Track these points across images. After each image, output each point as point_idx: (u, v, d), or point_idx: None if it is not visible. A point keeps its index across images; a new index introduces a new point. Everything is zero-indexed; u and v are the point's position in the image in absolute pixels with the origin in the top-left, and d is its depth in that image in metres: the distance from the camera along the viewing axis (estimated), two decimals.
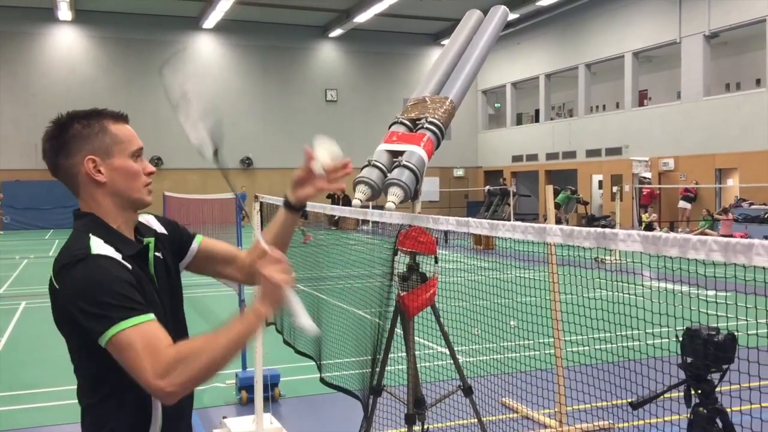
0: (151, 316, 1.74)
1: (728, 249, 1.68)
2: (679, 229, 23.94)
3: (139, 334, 1.69)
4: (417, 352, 3.69)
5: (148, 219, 2.11)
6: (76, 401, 1.93)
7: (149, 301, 1.83)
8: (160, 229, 2.11)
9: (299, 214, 2.29)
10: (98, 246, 1.80)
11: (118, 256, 1.81)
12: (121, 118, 1.99)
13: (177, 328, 2.02)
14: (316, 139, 2.25)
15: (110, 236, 1.87)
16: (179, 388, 1.68)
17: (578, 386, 4.14)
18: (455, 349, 3.86)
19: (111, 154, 1.91)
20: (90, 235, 1.83)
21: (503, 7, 3.56)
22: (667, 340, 3.42)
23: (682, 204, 24.51)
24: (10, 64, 30.40)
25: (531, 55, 33.28)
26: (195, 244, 2.19)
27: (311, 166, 2.17)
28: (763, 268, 1.62)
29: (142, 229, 2.03)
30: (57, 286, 1.79)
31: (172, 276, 2.07)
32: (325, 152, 2.24)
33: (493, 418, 5.10)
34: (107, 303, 1.70)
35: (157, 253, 2.00)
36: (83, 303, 1.72)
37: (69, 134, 1.91)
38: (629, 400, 3.14)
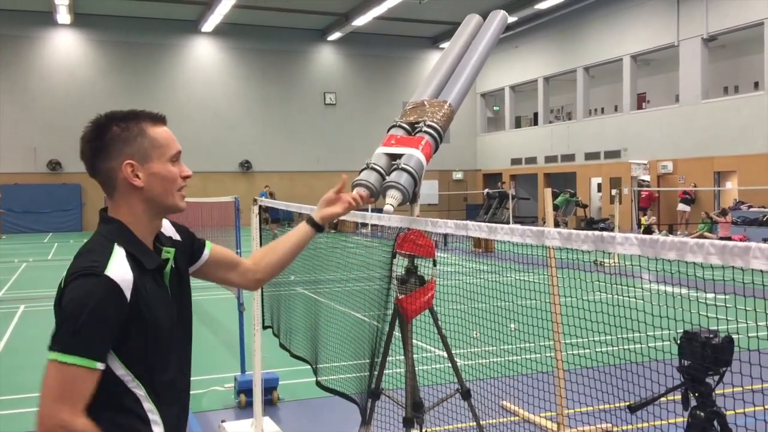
0: (95, 365, 1.74)
1: (725, 252, 1.68)
2: (678, 232, 23.96)
3: (72, 375, 1.71)
4: (415, 356, 3.69)
5: (165, 224, 2.10)
6: None
7: (146, 317, 1.83)
8: (175, 236, 2.11)
9: (320, 232, 2.47)
10: (116, 264, 1.79)
11: (129, 281, 1.79)
12: (159, 119, 1.98)
13: (182, 338, 2.04)
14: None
15: (134, 247, 1.87)
16: None
17: (578, 389, 4.14)
18: (454, 352, 3.86)
19: (149, 159, 1.91)
20: (115, 244, 1.83)
21: (502, 12, 3.56)
22: (667, 342, 3.42)
23: (681, 207, 24.54)
24: (9, 67, 30.41)
25: (529, 59, 33.32)
26: (206, 252, 2.21)
27: (344, 185, 2.51)
28: (761, 271, 1.62)
29: (161, 237, 2.03)
30: (62, 286, 1.81)
31: (184, 283, 2.08)
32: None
33: (493, 421, 5.09)
34: (74, 328, 1.72)
35: (172, 264, 2.01)
36: (62, 312, 1.75)
37: (108, 137, 1.89)
38: (628, 403, 3.14)
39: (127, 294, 1.78)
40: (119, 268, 1.79)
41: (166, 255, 1.98)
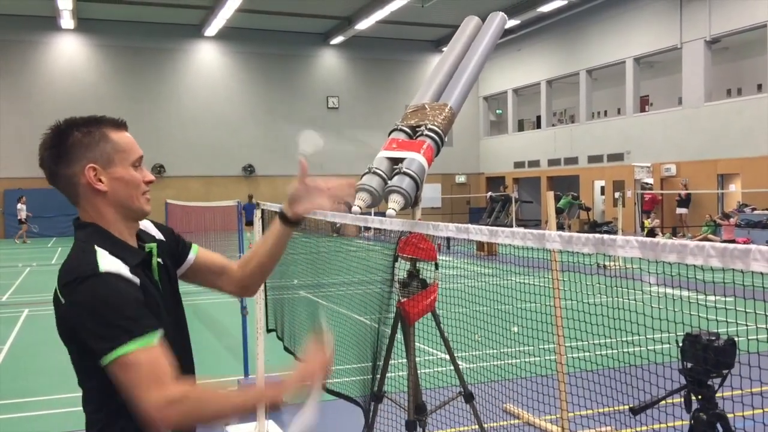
0: (157, 338, 1.73)
1: (726, 255, 1.68)
2: (680, 234, 23.94)
3: (147, 357, 1.68)
4: (417, 359, 3.69)
5: (146, 225, 2.11)
6: (78, 409, 1.93)
7: (154, 309, 1.83)
8: (158, 235, 2.11)
9: (295, 228, 2.27)
10: (105, 261, 1.78)
11: (125, 270, 1.80)
12: (121, 125, 1.97)
13: (180, 335, 2.03)
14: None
15: (115, 247, 1.86)
16: (173, 424, 1.68)
17: (580, 392, 4.14)
18: (456, 355, 3.86)
19: (112, 163, 1.89)
20: (95, 247, 1.82)
21: (501, 14, 3.57)
22: (668, 345, 3.42)
23: (678, 210, 24.60)
24: (13, 72, 30.49)
25: (532, 62, 33.31)
26: (192, 255, 2.19)
27: (305, 170, 2.22)
28: (761, 273, 1.62)
29: (142, 236, 2.03)
30: (62, 301, 1.79)
31: (173, 282, 2.08)
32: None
33: (495, 424, 5.09)
34: (114, 323, 1.69)
35: (159, 259, 2.01)
36: (90, 322, 1.71)
37: (69, 142, 1.88)
38: (630, 406, 3.14)
39: (132, 279, 1.79)
40: (110, 263, 1.79)
41: (148, 248, 1.98)
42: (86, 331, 1.72)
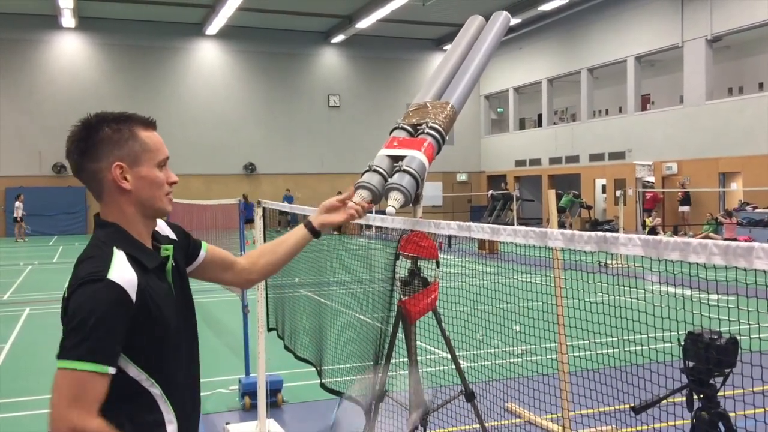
0: (110, 371, 1.74)
1: (728, 253, 1.67)
2: (681, 233, 23.93)
3: (84, 380, 1.70)
4: (419, 357, 3.69)
5: (160, 224, 2.11)
6: None
7: (155, 315, 1.84)
8: (172, 235, 2.12)
9: (316, 237, 2.44)
10: (118, 267, 1.79)
11: (133, 282, 1.79)
12: (150, 124, 1.97)
13: (189, 335, 2.04)
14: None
15: (134, 249, 1.87)
16: None
17: (582, 391, 4.13)
18: (457, 354, 3.86)
19: (139, 162, 1.90)
20: (114, 248, 1.83)
21: (505, 13, 3.56)
22: (670, 344, 3.41)
23: (680, 208, 24.63)
24: (14, 71, 30.50)
25: (533, 60, 33.30)
26: (203, 252, 2.21)
27: (352, 195, 2.55)
28: (764, 271, 1.61)
29: (157, 236, 2.04)
30: (66, 295, 1.80)
31: (185, 282, 2.08)
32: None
33: (497, 423, 5.08)
34: (83, 335, 1.71)
35: (172, 261, 2.01)
36: (69, 319, 1.74)
37: (98, 137, 1.88)
38: (632, 405, 3.14)
39: (133, 295, 1.78)
40: (122, 271, 1.79)
41: (165, 252, 1.98)
42: (64, 325, 1.76)
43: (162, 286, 1.91)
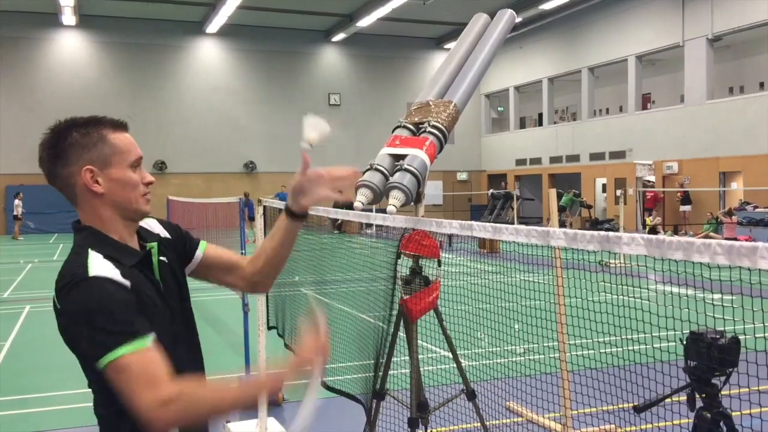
0: (150, 340, 1.72)
1: (732, 252, 1.67)
2: (681, 232, 23.92)
3: (138, 360, 1.67)
4: (420, 356, 3.68)
5: (150, 223, 2.09)
6: (80, 405, 1.95)
7: (151, 309, 1.82)
8: (163, 233, 2.10)
9: (302, 221, 2.22)
10: (96, 265, 1.77)
11: (116, 273, 1.78)
12: (120, 126, 1.95)
13: (186, 332, 2.02)
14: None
15: (110, 249, 1.85)
16: (171, 423, 1.67)
17: (583, 390, 4.13)
18: (458, 352, 3.85)
19: (109, 165, 1.88)
20: (89, 250, 1.81)
21: (510, 11, 3.54)
22: (672, 343, 3.41)
23: (681, 207, 24.64)
24: (14, 69, 30.49)
25: (534, 59, 33.28)
26: (200, 251, 2.17)
27: (307, 162, 2.17)
28: None
29: (144, 234, 2.02)
30: (58, 306, 1.79)
31: (179, 279, 2.06)
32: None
33: (497, 422, 5.08)
34: (105, 328, 1.69)
35: (161, 258, 1.99)
36: (82, 327, 1.71)
37: (66, 143, 1.87)
38: (634, 404, 3.13)
39: (123, 281, 1.78)
40: (100, 266, 1.78)
41: (149, 247, 1.97)
42: (80, 336, 1.72)
43: (148, 282, 1.89)
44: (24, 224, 28.09)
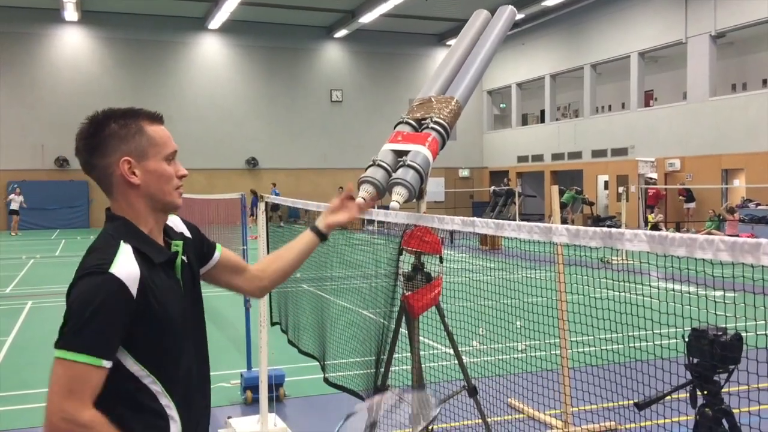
0: (106, 365, 1.75)
1: (735, 249, 1.66)
2: (684, 229, 23.90)
3: (79, 372, 1.71)
4: (422, 352, 3.68)
5: (174, 221, 2.10)
6: None
7: (160, 314, 1.84)
8: (186, 232, 2.11)
9: (324, 241, 2.45)
10: (122, 261, 1.78)
11: (136, 276, 1.78)
12: (157, 119, 1.98)
13: (196, 333, 2.04)
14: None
15: (142, 243, 1.87)
16: None
17: (584, 387, 4.13)
18: (460, 349, 3.85)
19: (146, 156, 1.91)
20: (121, 242, 1.83)
21: (511, 7, 3.54)
22: (675, 340, 3.41)
23: (685, 204, 24.64)
24: (16, 65, 30.49)
25: (536, 56, 33.23)
26: (217, 254, 2.21)
27: (350, 194, 2.51)
28: None
29: (170, 231, 2.04)
30: (71, 287, 1.81)
31: (196, 280, 2.08)
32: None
33: (499, 418, 5.08)
34: (81, 327, 1.72)
35: (183, 257, 2.00)
36: (69, 310, 1.75)
37: (105, 133, 1.89)
38: (635, 401, 3.13)
39: (133, 290, 1.78)
40: (125, 265, 1.79)
41: (175, 248, 1.98)
42: (64, 315, 1.76)
43: (169, 282, 1.90)
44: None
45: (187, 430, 1.93)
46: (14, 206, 27.25)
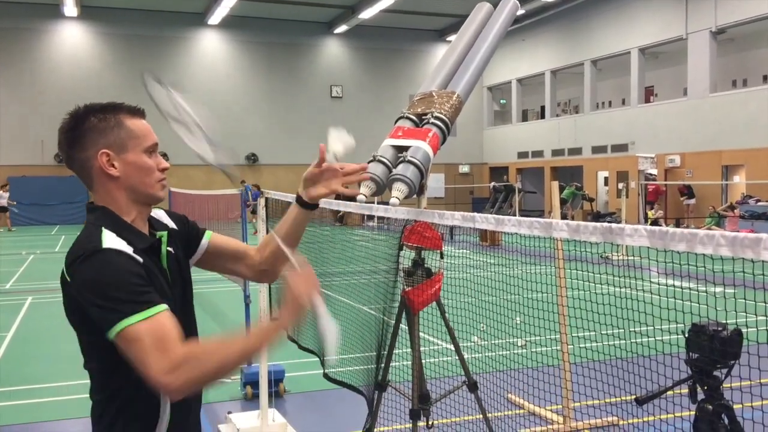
0: (164, 307, 1.74)
1: (736, 244, 1.67)
2: (684, 225, 23.89)
3: (149, 327, 1.69)
4: (422, 348, 3.69)
5: (159, 214, 2.11)
6: (82, 396, 1.94)
7: (161, 292, 1.84)
8: (171, 224, 2.12)
9: (312, 211, 2.26)
10: (110, 240, 1.80)
11: (129, 250, 1.81)
12: (138, 112, 1.99)
13: (187, 324, 2.02)
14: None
15: (123, 230, 1.87)
16: (184, 386, 1.68)
17: (585, 382, 4.13)
18: (460, 344, 3.85)
19: (125, 149, 1.91)
20: (102, 228, 1.83)
21: (513, 0, 3.52)
22: (675, 336, 3.41)
23: (686, 201, 24.64)
24: (16, 60, 30.46)
25: (536, 52, 33.19)
26: (205, 240, 2.19)
27: (323, 156, 2.19)
28: None
29: (155, 224, 2.04)
30: (68, 279, 1.80)
31: (184, 271, 2.07)
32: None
33: (499, 414, 5.09)
34: (117, 297, 1.70)
35: (169, 248, 2.01)
36: (94, 296, 1.72)
37: (84, 127, 1.91)
38: (635, 396, 3.13)
39: (135, 256, 1.80)
40: (114, 242, 1.80)
41: (159, 236, 1.99)
42: (91, 305, 1.73)
43: (156, 269, 1.91)
44: (11, 213, 27.81)
45: (178, 417, 1.93)
46: (1, 202, 27.15)
